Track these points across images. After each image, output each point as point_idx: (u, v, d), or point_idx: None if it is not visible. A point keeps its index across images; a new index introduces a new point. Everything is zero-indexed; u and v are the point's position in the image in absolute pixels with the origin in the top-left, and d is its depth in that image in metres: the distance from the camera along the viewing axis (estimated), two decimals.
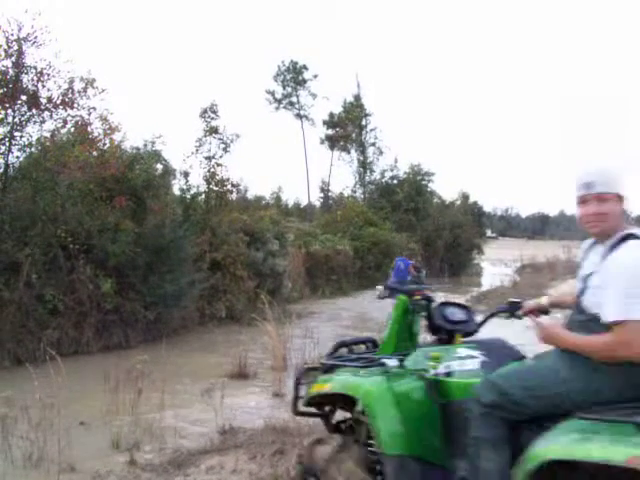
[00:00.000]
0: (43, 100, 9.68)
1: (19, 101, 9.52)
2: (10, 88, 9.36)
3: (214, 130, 14.73)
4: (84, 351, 9.26)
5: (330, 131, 36.55)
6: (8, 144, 9.59)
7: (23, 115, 9.65)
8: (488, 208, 63.00)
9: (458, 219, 29.72)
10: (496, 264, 32.52)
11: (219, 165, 14.63)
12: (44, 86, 9.69)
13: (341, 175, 66.99)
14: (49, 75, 9.67)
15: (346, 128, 34.75)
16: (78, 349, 9.23)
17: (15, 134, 9.64)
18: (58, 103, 9.79)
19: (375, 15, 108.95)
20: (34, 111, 9.66)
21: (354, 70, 56.99)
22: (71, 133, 10.85)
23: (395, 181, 30.23)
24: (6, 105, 9.38)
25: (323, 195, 38.38)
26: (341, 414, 3.19)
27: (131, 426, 5.05)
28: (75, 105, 10.02)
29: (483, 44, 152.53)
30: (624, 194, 2.29)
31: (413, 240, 25.21)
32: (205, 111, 14.81)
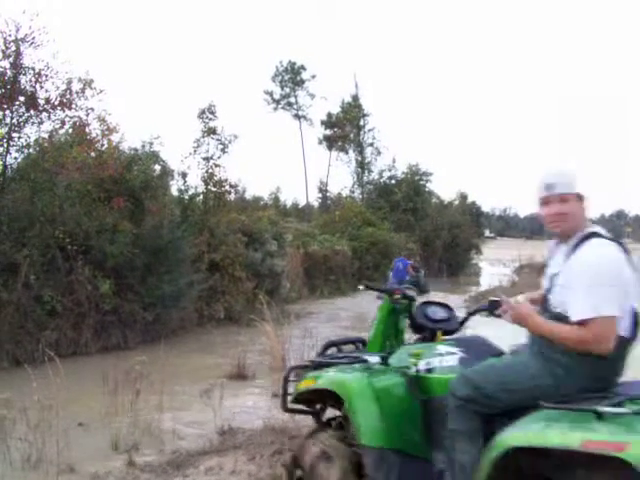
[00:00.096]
0: (41, 101, 9.67)
1: (17, 102, 9.51)
2: (8, 89, 9.36)
3: (212, 131, 14.73)
4: (82, 352, 9.26)
5: (328, 131, 36.58)
6: (6, 145, 9.59)
7: (21, 116, 9.65)
8: (486, 208, 63.25)
9: (456, 219, 29.78)
10: (494, 264, 32.56)
11: (217, 166, 14.65)
12: (42, 87, 9.69)
13: (339, 175, 67.09)
14: (47, 76, 9.66)
15: (344, 128, 34.75)
16: (76, 350, 9.23)
17: (13, 135, 9.64)
18: (56, 104, 9.78)
19: (373, 15, 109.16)
20: (32, 112, 9.65)
21: (352, 70, 56.99)
22: (69, 134, 10.86)
23: (393, 181, 30.24)
24: (4, 106, 9.37)
25: (321, 195, 38.47)
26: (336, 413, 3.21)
27: (130, 427, 5.04)
28: (73, 106, 10.02)
29: (481, 44, 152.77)
30: (583, 194, 2.39)
31: (411, 240, 25.23)
32: (203, 112, 14.81)
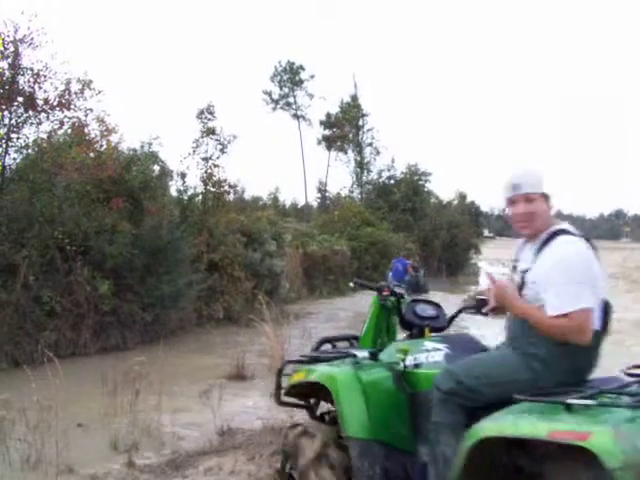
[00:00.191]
0: (40, 102, 9.67)
1: (15, 103, 9.51)
2: (6, 90, 9.35)
3: (211, 131, 14.72)
4: (81, 353, 9.25)
5: (327, 131, 36.54)
6: (5, 146, 9.59)
7: (20, 117, 9.65)
8: (485, 208, 63.40)
9: (455, 219, 29.77)
10: (494, 264, 32.51)
11: (216, 166, 14.64)
12: (41, 87, 9.68)
13: (338, 175, 67.09)
14: (46, 76, 9.66)
15: (343, 128, 34.73)
16: (75, 351, 9.22)
17: (12, 136, 9.64)
18: (55, 104, 9.78)
19: (372, 15, 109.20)
20: (31, 113, 9.65)
21: (351, 70, 57.17)
22: (68, 134, 10.86)
23: (392, 181, 30.22)
24: (2, 107, 9.36)
25: (320, 195, 38.47)
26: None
27: (129, 428, 5.04)
28: (72, 106, 10.02)
29: (481, 44, 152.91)
30: (549, 193, 2.46)
31: (410, 240, 25.23)
32: (202, 112, 14.80)
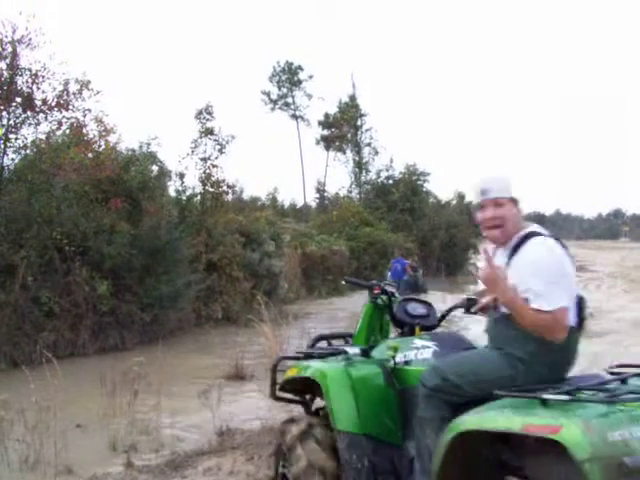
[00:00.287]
0: (38, 102, 9.68)
1: (14, 103, 9.51)
2: (4, 90, 9.35)
3: (209, 131, 14.74)
4: (80, 353, 9.25)
5: (325, 131, 36.58)
6: (3, 146, 9.59)
7: (18, 117, 9.65)
8: None
9: (454, 219, 29.78)
10: None
11: (215, 166, 14.66)
12: (39, 88, 9.70)
13: (337, 175, 66.99)
14: (44, 77, 9.67)
15: (341, 128, 34.76)
16: (74, 351, 9.23)
17: (10, 136, 9.64)
18: (53, 105, 9.78)
19: (370, 15, 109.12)
20: (29, 113, 9.66)
21: (349, 70, 57.11)
22: (66, 135, 10.85)
23: (391, 181, 30.24)
24: (1, 107, 9.36)
25: (319, 196, 38.48)
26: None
27: (128, 428, 5.04)
28: (70, 107, 10.02)
29: (480, 44, 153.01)
30: (517, 198, 2.50)
31: (409, 240, 25.24)
32: (200, 112, 14.82)
